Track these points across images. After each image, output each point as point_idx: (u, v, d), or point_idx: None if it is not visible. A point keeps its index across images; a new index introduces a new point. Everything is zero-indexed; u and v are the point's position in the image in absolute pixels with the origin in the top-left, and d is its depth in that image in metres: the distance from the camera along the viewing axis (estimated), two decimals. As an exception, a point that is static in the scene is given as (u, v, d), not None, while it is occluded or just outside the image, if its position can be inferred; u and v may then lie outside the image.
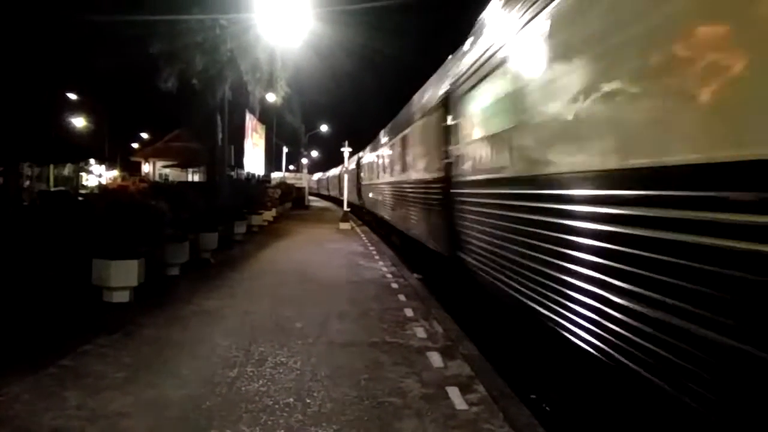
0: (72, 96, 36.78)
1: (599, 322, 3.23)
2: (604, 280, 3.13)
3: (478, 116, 6.35)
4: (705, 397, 2.36)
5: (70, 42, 16.97)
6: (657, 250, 2.62)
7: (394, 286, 9.03)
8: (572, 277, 3.57)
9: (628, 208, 2.89)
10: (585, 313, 3.42)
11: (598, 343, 3.29)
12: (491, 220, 5.51)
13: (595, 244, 3.26)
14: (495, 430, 3.72)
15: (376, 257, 12.53)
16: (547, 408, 4.73)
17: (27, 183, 21.75)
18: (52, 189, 24.19)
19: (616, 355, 3.04)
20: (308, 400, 4.12)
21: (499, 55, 5.25)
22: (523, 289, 4.60)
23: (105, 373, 4.52)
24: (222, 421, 3.70)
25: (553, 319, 3.96)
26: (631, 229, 2.86)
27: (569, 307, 3.66)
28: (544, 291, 4.10)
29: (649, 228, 2.68)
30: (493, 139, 5.58)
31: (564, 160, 3.82)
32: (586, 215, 3.41)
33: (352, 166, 26.63)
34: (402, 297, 8.10)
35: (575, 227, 3.53)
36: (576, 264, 3.51)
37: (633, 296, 2.82)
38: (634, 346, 2.82)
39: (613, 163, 3.11)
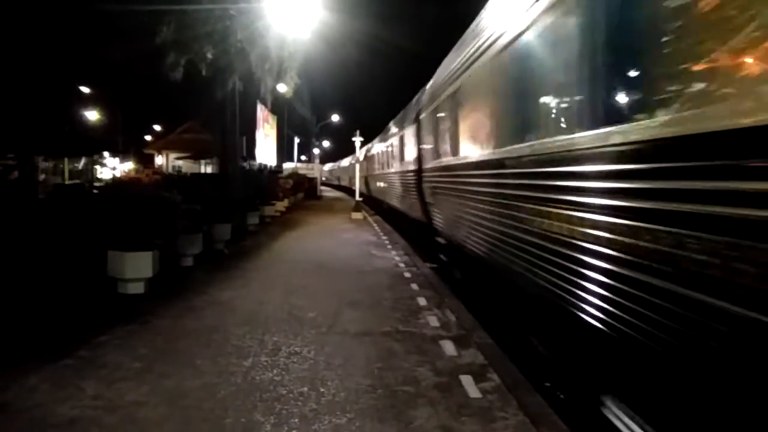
0: (85, 89, 37.05)
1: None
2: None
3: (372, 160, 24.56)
4: None
5: (82, 34, 17.05)
6: None
7: (407, 275, 9.03)
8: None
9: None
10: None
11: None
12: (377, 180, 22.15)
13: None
14: (509, 418, 3.71)
15: (389, 246, 12.53)
16: (561, 396, 4.71)
17: (42, 176, 21.96)
18: (67, 182, 24.42)
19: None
20: (322, 389, 4.13)
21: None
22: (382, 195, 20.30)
23: (121, 364, 4.57)
24: (237, 410, 3.72)
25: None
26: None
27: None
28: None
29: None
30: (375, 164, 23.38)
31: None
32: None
33: (361, 157, 27.16)
34: (415, 286, 8.09)
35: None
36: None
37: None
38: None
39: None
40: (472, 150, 6.66)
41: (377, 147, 22.62)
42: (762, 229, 1.96)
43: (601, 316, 3.30)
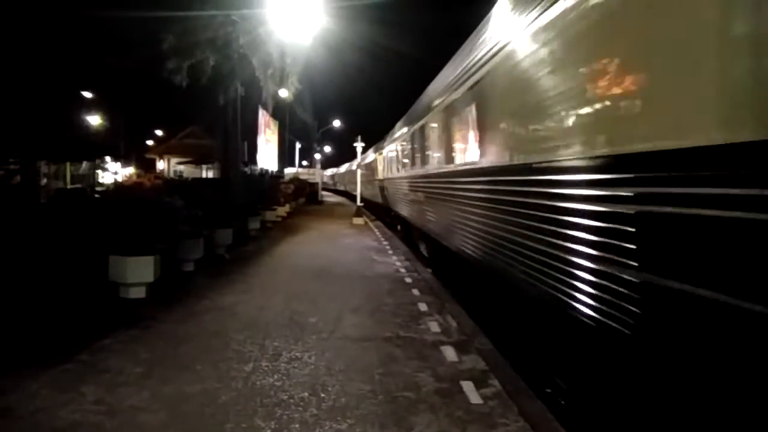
0: (88, 94, 37.20)
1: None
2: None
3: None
4: None
5: (86, 40, 17.15)
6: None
7: (408, 280, 9.03)
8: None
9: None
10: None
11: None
12: (365, 185, 26.87)
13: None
14: (509, 425, 3.71)
15: (390, 252, 12.54)
16: (562, 402, 4.70)
17: (44, 181, 21.99)
18: (69, 187, 24.45)
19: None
20: (323, 395, 4.14)
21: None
22: (370, 197, 26.65)
23: (122, 368, 4.58)
24: (237, 415, 3.73)
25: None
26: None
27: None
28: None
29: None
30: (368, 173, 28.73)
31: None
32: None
33: (363, 162, 27.72)
34: (416, 291, 8.10)
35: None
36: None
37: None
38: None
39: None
40: (391, 172, 17.39)
41: (365, 161, 28.88)
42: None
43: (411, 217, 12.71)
